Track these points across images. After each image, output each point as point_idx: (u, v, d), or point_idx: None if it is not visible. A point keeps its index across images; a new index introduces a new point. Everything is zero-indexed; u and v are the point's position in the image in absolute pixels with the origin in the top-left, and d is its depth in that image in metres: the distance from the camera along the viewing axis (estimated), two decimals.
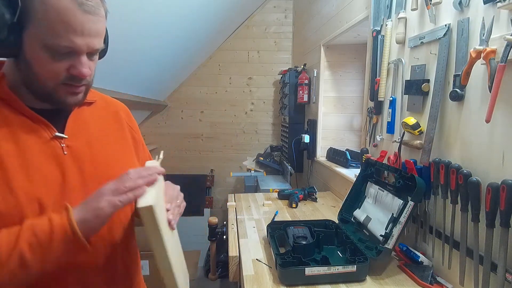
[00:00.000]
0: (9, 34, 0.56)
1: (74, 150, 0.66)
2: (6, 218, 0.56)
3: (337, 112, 2.37)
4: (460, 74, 0.89)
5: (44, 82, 0.60)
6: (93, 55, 0.64)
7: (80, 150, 0.67)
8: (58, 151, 0.64)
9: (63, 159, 0.64)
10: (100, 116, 0.75)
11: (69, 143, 0.65)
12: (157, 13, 1.80)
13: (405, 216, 1.00)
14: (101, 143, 0.71)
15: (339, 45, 2.23)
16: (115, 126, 0.78)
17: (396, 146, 1.21)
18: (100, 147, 0.71)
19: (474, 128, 0.88)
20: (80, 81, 0.62)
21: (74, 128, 0.67)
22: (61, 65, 0.59)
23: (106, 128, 0.75)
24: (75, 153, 0.66)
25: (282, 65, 3.35)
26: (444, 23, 0.99)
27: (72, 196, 0.62)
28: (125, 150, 0.78)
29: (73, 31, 0.57)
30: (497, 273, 0.77)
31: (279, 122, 3.43)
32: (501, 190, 0.74)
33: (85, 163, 0.67)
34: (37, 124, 0.63)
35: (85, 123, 0.70)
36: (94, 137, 0.71)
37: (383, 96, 1.35)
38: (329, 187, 2.11)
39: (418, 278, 0.98)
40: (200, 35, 2.68)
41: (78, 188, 0.64)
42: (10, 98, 0.61)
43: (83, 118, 0.71)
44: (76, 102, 0.65)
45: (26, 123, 0.62)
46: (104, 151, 0.71)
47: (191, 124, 3.46)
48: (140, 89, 2.50)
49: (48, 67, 0.59)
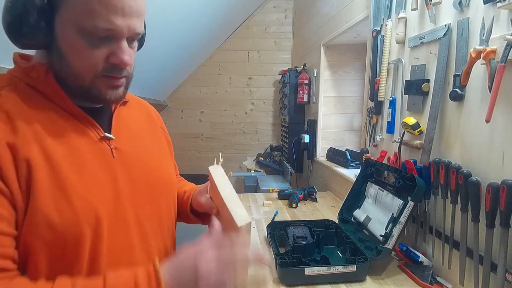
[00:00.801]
0: (39, 18, 0.49)
1: (122, 153, 0.60)
2: (59, 232, 0.49)
3: (337, 112, 2.37)
4: (460, 74, 0.89)
5: (80, 75, 0.53)
6: (133, 41, 0.56)
7: (127, 153, 0.61)
8: (108, 154, 0.58)
9: (113, 163, 0.58)
10: (137, 116, 0.71)
11: (117, 145, 0.60)
12: (157, 13, 1.81)
13: (405, 216, 1.00)
14: (143, 145, 0.66)
15: (339, 45, 2.23)
16: (151, 127, 0.73)
17: (396, 146, 1.21)
18: (143, 149, 0.65)
19: (474, 128, 0.88)
20: (121, 72, 0.55)
21: (118, 129, 0.62)
22: (99, 52, 0.52)
23: (144, 129, 0.70)
24: (123, 156, 0.60)
25: (282, 65, 3.35)
26: (444, 23, 0.99)
27: (123, 207, 0.57)
28: (164, 153, 0.74)
29: (113, 9, 0.49)
30: (497, 273, 0.76)
31: (279, 122, 3.43)
32: (501, 190, 0.74)
33: (133, 167, 0.61)
34: (83, 123, 0.57)
35: (126, 124, 0.65)
36: (137, 139, 0.66)
37: (383, 96, 1.35)
38: (329, 187, 2.11)
39: (418, 278, 0.98)
40: (200, 35, 2.68)
41: (128, 195, 0.58)
42: (58, 95, 0.54)
43: (123, 118, 0.65)
44: (117, 98, 0.58)
45: (73, 122, 0.55)
46: (147, 154, 0.66)
47: (191, 124, 3.47)
48: (140, 89, 2.51)
49: (85, 55, 0.51)
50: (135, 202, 0.59)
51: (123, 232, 0.57)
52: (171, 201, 0.70)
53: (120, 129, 0.62)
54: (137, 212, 0.60)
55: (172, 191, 0.72)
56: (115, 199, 0.56)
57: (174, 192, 0.73)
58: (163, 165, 0.70)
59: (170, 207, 0.70)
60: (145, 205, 0.61)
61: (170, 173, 0.72)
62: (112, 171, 0.57)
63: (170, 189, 0.70)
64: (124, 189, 0.58)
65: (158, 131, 0.75)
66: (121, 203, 0.57)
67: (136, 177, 0.61)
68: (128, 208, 0.58)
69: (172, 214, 0.70)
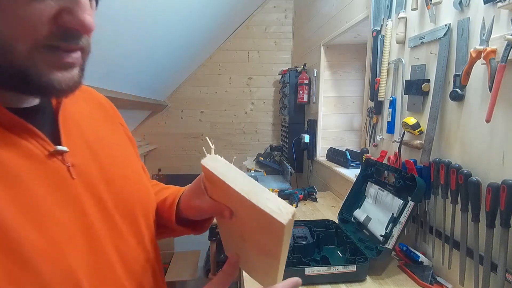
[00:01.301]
0: None
1: (83, 170, 0.42)
2: None
3: (337, 112, 2.37)
4: (460, 74, 0.89)
5: (8, 46, 0.32)
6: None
7: (89, 168, 0.43)
8: (64, 176, 0.39)
9: (74, 188, 0.40)
10: (88, 113, 0.51)
11: (73, 159, 0.41)
12: (157, 13, 1.81)
13: (405, 216, 1.00)
14: (106, 153, 0.48)
15: (339, 45, 2.23)
16: (108, 125, 0.54)
17: (396, 146, 1.21)
18: (107, 159, 0.47)
19: (474, 128, 0.88)
20: (77, 41, 0.36)
21: (70, 135, 0.43)
22: (43, 7, 0.32)
23: (101, 129, 0.51)
24: (85, 175, 0.42)
25: (282, 65, 3.35)
26: (444, 23, 0.99)
27: (102, 248, 0.41)
28: (131, 158, 0.56)
29: None
30: (497, 273, 0.76)
31: (279, 122, 3.43)
32: (501, 190, 0.74)
33: (100, 187, 0.44)
34: (17, 134, 0.36)
35: (77, 125, 0.45)
36: (95, 145, 0.47)
37: (383, 96, 1.35)
38: (329, 187, 2.11)
39: (418, 278, 0.98)
40: (200, 35, 2.68)
41: (103, 230, 0.42)
42: None
43: (72, 117, 0.45)
44: (70, 84, 0.37)
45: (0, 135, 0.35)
46: (113, 164, 0.48)
47: (191, 124, 3.46)
48: (140, 89, 2.51)
49: (21, 11, 0.31)
50: (114, 236, 0.43)
51: (109, 281, 0.42)
52: (151, 218, 0.54)
53: (71, 135, 0.43)
54: (120, 249, 0.44)
55: (151, 206, 0.55)
56: (89, 241, 0.39)
57: (153, 206, 0.56)
58: (135, 174, 0.53)
59: (152, 227, 0.54)
60: (126, 236, 0.46)
61: (144, 183, 0.55)
62: (75, 200, 0.39)
63: (148, 204, 0.54)
64: (97, 222, 0.41)
65: (118, 129, 0.56)
66: (98, 244, 0.40)
67: (107, 200, 0.44)
68: (108, 248, 0.42)
69: (154, 234, 0.54)
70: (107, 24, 1.48)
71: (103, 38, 1.55)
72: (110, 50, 1.69)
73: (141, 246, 0.49)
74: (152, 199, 0.56)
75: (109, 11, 1.41)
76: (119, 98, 2.09)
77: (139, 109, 2.90)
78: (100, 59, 1.67)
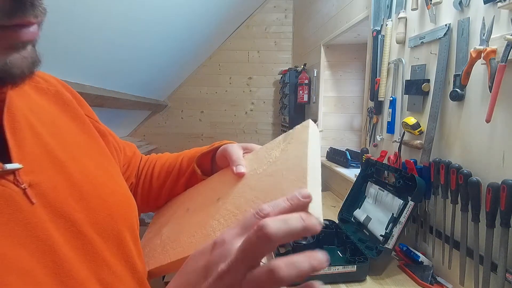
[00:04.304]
0: None
1: (45, 189, 0.32)
2: None
3: (337, 112, 2.37)
4: (460, 74, 0.89)
5: None
6: None
7: (53, 185, 0.33)
8: (20, 204, 0.29)
9: (34, 216, 0.30)
10: (41, 107, 0.39)
11: (31, 177, 0.31)
12: (157, 13, 1.80)
13: (405, 216, 1.00)
14: (71, 158, 0.37)
15: (339, 45, 2.23)
16: (71, 119, 0.42)
17: (396, 146, 1.21)
18: (74, 166, 0.37)
19: (474, 128, 0.88)
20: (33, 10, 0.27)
21: (21, 144, 0.32)
22: None
23: (63, 127, 0.40)
24: (49, 195, 0.32)
25: (282, 65, 3.35)
26: (444, 23, 0.98)
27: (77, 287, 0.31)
28: (103, 158, 0.44)
29: None
30: (497, 273, 0.76)
31: (279, 122, 3.43)
32: (501, 190, 0.74)
33: (69, 205, 0.34)
34: None
35: (30, 127, 0.34)
36: (57, 151, 0.36)
37: (383, 96, 1.35)
38: (329, 187, 2.11)
39: (418, 278, 0.98)
40: (200, 35, 2.68)
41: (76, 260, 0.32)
42: None
43: (22, 117, 0.34)
44: (29, 66, 0.29)
45: None
46: (82, 172, 0.37)
47: (191, 124, 3.47)
48: (140, 89, 2.51)
49: None
50: (94, 266, 0.34)
51: None
52: (136, 228, 0.44)
53: (25, 143, 0.32)
54: (105, 281, 0.34)
55: (134, 215, 0.44)
56: (60, 281, 0.30)
57: (135, 214, 0.45)
58: (112, 179, 0.43)
59: (138, 239, 0.44)
60: (110, 262, 0.36)
61: (122, 188, 0.44)
62: (35, 231, 0.29)
63: (132, 213, 0.44)
64: (69, 254, 0.31)
65: (86, 124, 0.44)
66: (73, 283, 0.31)
67: (81, 222, 0.34)
68: (88, 283, 0.32)
69: (139, 245, 0.44)
70: (107, 24, 1.48)
71: (103, 38, 1.55)
72: (110, 50, 1.69)
73: (130, 270, 0.39)
74: (133, 205, 0.45)
75: (109, 11, 1.41)
76: (119, 98, 2.09)
77: (139, 109, 2.90)
78: (100, 59, 1.67)
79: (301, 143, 0.40)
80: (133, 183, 0.62)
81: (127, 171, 0.60)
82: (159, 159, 0.65)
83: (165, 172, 0.61)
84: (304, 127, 0.43)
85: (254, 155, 0.49)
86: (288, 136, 0.44)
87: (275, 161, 0.41)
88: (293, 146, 0.41)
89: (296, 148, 0.40)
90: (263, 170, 0.42)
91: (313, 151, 0.38)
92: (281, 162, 0.40)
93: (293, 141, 0.42)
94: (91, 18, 1.35)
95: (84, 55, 1.52)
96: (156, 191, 0.62)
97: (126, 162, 0.60)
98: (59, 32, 1.25)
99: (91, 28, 1.40)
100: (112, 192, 0.41)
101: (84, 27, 1.36)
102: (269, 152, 0.45)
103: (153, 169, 0.63)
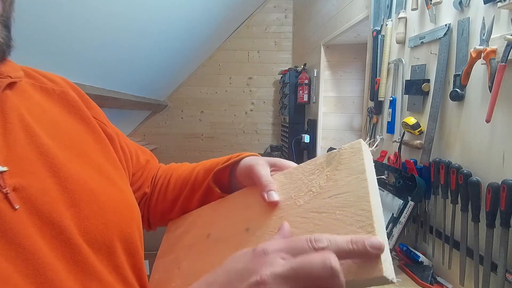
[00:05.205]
0: None
1: (31, 194, 0.30)
2: None
3: (337, 112, 2.37)
4: (460, 74, 0.89)
5: None
6: None
7: (41, 189, 0.31)
8: (1, 208, 0.28)
9: (17, 224, 0.28)
10: (41, 107, 0.38)
11: (17, 180, 0.30)
12: (157, 13, 1.80)
13: (405, 216, 1.00)
14: (68, 162, 0.35)
15: (339, 45, 2.23)
16: (75, 121, 0.41)
17: (396, 146, 1.21)
18: (70, 170, 0.35)
19: (474, 128, 0.88)
20: None
21: (11, 144, 0.31)
22: None
23: (64, 128, 0.39)
24: (35, 200, 0.30)
25: (282, 65, 3.35)
26: (444, 23, 0.98)
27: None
28: (105, 162, 0.42)
29: None
30: (497, 273, 0.76)
31: (279, 122, 3.43)
32: (501, 190, 0.74)
33: (58, 212, 0.32)
34: None
35: (24, 127, 0.33)
36: (52, 152, 0.34)
37: (383, 96, 1.35)
38: None
39: (418, 278, 0.98)
40: (200, 35, 2.68)
41: (62, 270, 0.30)
42: None
43: (16, 115, 0.33)
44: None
45: None
46: (78, 178, 0.35)
47: (191, 124, 3.47)
48: (140, 89, 2.51)
49: None
50: (83, 277, 0.32)
51: None
52: (136, 235, 0.41)
53: (14, 143, 0.31)
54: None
55: (134, 223, 0.41)
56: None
57: (139, 224, 0.43)
58: (114, 185, 0.40)
59: (138, 250, 0.41)
60: (100, 273, 0.34)
61: (125, 197, 0.42)
62: (15, 240, 0.28)
63: (132, 222, 0.41)
64: (55, 264, 0.30)
65: (91, 126, 0.42)
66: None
67: (70, 230, 0.32)
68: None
69: (141, 257, 0.42)
70: (107, 24, 1.48)
71: (103, 38, 1.55)
72: (110, 50, 1.69)
73: (122, 282, 0.37)
74: (135, 213, 0.42)
75: (109, 11, 1.41)
76: (119, 98, 2.09)
77: (139, 109, 2.90)
78: (100, 59, 1.67)
79: (355, 172, 0.33)
80: (147, 193, 0.57)
81: (139, 180, 0.56)
82: (177, 169, 0.60)
83: (181, 184, 0.56)
84: (356, 149, 0.35)
85: (287, 178, 0.41)
86: (333, 159, 0.37)
87: (321, 193, 0.35)
88: (344, 174, 0.34)
89: (349, 178, 0.33)
90: (304, 203, 0.36)
91: (373, 185, 0.32)
92: (330, 196, 0.34)
93: (342, 167, 0.35)
94: (91, 18, 1.35)
95: (84, 55, 1.52)
96: (169, 204, 0.57)
97: (139, 170, 0.56)
98: (59, 32, 1.25)
99: (91, 28, 1.40)
100: (111, 198, 0.38)
101: (84, 27, 1.36)
102: (308, 177, 0.38)
103: (169, 179, 0.58)
